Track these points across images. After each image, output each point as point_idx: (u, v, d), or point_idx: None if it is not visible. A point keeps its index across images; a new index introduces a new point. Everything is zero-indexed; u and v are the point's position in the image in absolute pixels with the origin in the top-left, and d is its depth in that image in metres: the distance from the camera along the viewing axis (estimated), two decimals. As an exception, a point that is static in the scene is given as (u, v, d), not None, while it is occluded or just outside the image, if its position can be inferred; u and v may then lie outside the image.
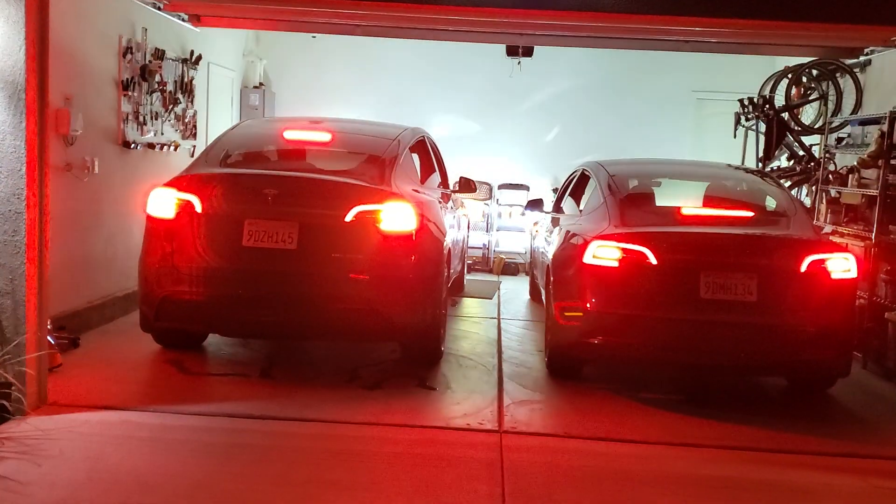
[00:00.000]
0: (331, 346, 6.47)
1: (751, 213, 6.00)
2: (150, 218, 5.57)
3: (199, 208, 5.38)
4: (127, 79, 7.27)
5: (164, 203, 5.47)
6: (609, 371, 6.17)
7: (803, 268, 5.21)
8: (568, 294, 5.71)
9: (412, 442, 4.63)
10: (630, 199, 6.07)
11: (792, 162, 9.18)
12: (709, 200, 6.37)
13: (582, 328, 5.45)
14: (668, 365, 5.63)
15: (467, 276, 10.03)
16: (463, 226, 8.77)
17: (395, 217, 5.41)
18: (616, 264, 5.30)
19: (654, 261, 5.22)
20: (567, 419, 5.16)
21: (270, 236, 5.29)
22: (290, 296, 5.31)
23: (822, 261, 5.22)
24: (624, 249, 5.29)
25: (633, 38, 7.28)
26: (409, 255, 5.51)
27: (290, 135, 6.46)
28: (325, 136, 6.36)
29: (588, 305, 5.39)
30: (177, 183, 5.51)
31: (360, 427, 4.79)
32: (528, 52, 9.54)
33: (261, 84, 11.18)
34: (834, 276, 5.21)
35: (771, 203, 6.24)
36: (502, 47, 9.80)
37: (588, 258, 5.38)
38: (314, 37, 10.68)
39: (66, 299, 6.32)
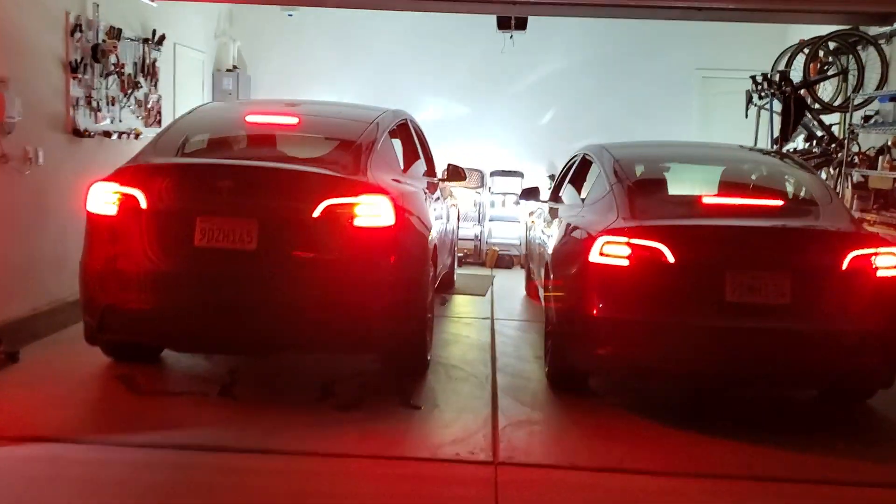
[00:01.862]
0: (302, 357, 5.74)
1: (779, 202, 5.28)
2: (90, 215, 4.84)
3: (144, 204, 4.64)
4: (76, 60, 6.52)
5: (105, 198, 4.74)
6: (618, 383, 5.46)
7: (844, 265, 4.50)
8: (571, 296, 5.00)
9: (391, 479, 3.92)
10: (640, 187, 5.35)
11: (809, 143, 8.48)
12: (728, 187, 5.66)
13: (588, 337, 4.74)
14: (686, 378, 4.92)
15: (458, 271, 9.31)
16: (452, 217, 8.05)
17: (372, 211, 4.68)
18: (626, 263, 4.58)
19: (671, 258, 4.50)
20: (572, 444, 4.47)
21: (226, 235, 4.56)
22: (249, 304, 4.58)
23: (867, 256, 4.50)
24: (636, 246, 4.56)
25: (639, 7, 6.53)
26: (388, 255, 4.79)
27: (252, 119, 5.71)
28: (291, 120, 5.62)
29: (594, 311, 4.67)
30: (119, 175, 4.78)
31: (330, 461, 4.09)
32: (522, 24, 8.77)
33: (234, 67, 10.42)
34: (880, 273, 4.50)
35: (799, 189, 5.54)
36: (493, 22, 9.04)
37: (594, 256, 4.66)
38: (290, 14, 9.93)
39: (4, 307, 5.61)
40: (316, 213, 4.57)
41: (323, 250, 4.62)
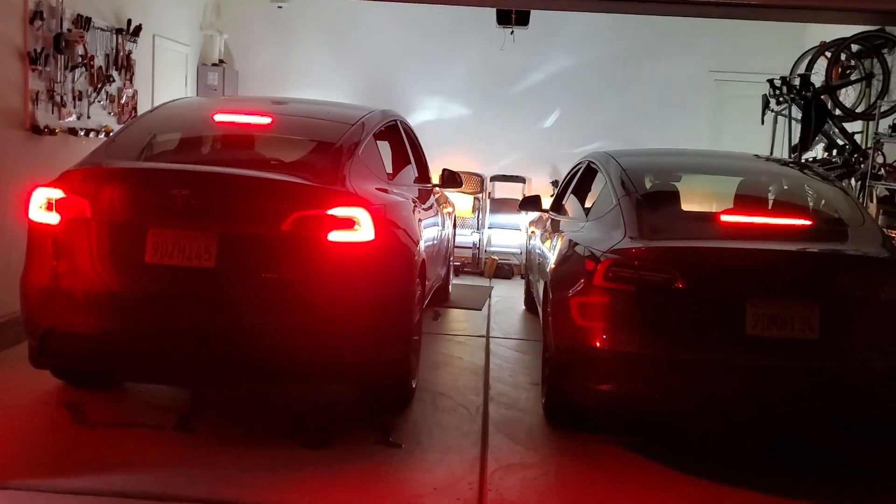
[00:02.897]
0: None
1: (805, 222, 4.74)
2: (32, 225, 4.32)
3: (90, 213, 4.11)
4: (36, 50, 5.99)
5: (47, 206, 4.21)
6: (624, 418, 4.91)
7: (882, 295, 3.95)
8: (570, 323, 4.46)
9: (358, 540, 3.39)
10: (650, 201, 4.80)
11: (828, 153, 7.92)
12: (747, 203, 5.12)
13: (589, 370, 4.20)
14: (699, 420, 4.38)
15: (454, 281, 8.77)
16: (447, 226, 7.50)
17: (348, 225, 4.13)
18: (634, 288, 4.04)
19: (684, 285, 3.96)
20: (570, 495, 3.91)
21: (181, 251, 4.01)
22: (206, 329, 4.03)
23: (907, 287, 3.97)
24: (645, 269, 4.02)
25: (650, 2, 5.97)
26: (367, 274, 4.23)
27: (221, 118, 5.16)
28: (264, 120, 5.08)
29: (597, 342, 4.13)
30: (63, 180, 4.24)
31: (291, 514, 3.56)
32: (523, 19, 8.22)
33: (221, 61, 9.87)
34: (921, 307, 3.96)
35: (827, 207, 4.99)
36: (492, 16, 8.50)
37: (598, 280, 4.12)
38: (280, 6, 9.40)
39: (-53, 322, 5.09)
40: (284, 227, 4.03)
41: (292, 269, 4.08)
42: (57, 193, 4.17)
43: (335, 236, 4.10)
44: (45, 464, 3.93)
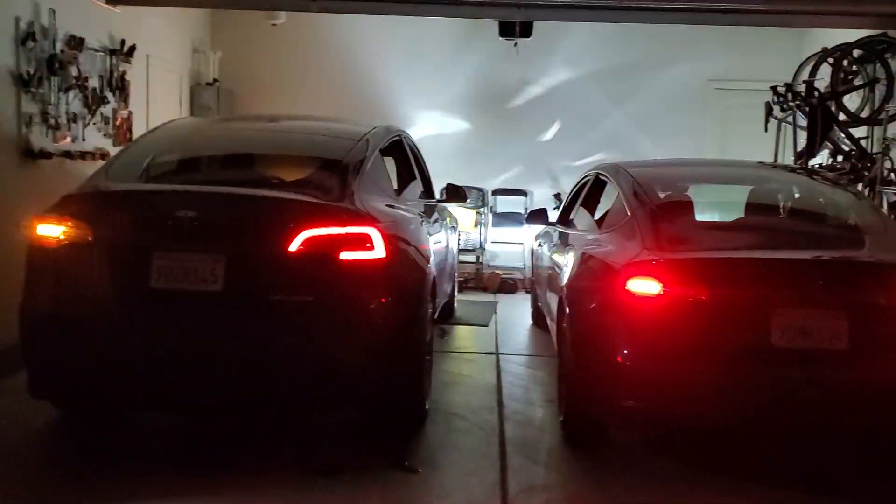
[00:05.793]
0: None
1: (827, 229, 4.63)
2: (31, 250, 4.17)
3: (91, 237, 3.97)
4: (28, 72, 5.86)
5: (47, 230, 4.06)
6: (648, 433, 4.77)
7: (911, 304, 3.84)
8: (589, 339, 4.33)
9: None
10: (665, 213, 4.69)
11: (832, 160, 7.83)
12: (762, 211, 5.02)
13: (609, 387, 4.07)
14: (727, 435, 4.25)
15: (458, 297, 8.64)
16: (451, 241, 7.38)
17: (359, 244, 4.00)
18: (653, 301, 3.90)
19: (707, 297, 3.84)
20: (597, 519, 3.78)
21: (187, 274, 3.87)
22: (213, 355, 3.89)
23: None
24: (666, 282, 3.89)
25: (658, 9, 5.88)
26: (379, 294, 4.11)
27: (223, 138, 5.04)
28: (268, 138, 4.96)
29: (618, 357, 3.99)
30: (63, 204, 4.10)
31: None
32: (526, 31, 8.12)
33: (215, 80, 9.75)
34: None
35: (846, 214, 4.88)
36: (494, 29, 8.41)
37: (617, 294, 3.99)
38: (274, 24, 9.29)
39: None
40: (293, 247, 3.90)
41: (301, 290, 3.94)
42: (57, 218, 4.03)
43: (346, 255, 3.97)
44: (47, 500, 3.76)
